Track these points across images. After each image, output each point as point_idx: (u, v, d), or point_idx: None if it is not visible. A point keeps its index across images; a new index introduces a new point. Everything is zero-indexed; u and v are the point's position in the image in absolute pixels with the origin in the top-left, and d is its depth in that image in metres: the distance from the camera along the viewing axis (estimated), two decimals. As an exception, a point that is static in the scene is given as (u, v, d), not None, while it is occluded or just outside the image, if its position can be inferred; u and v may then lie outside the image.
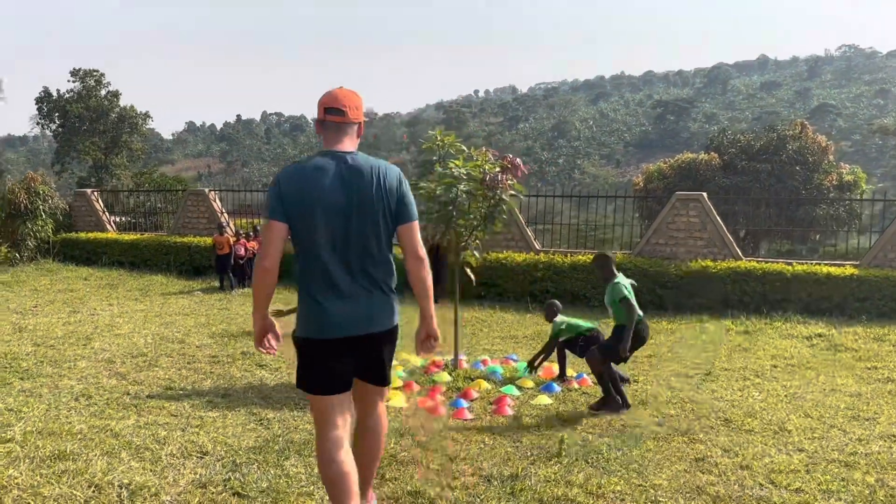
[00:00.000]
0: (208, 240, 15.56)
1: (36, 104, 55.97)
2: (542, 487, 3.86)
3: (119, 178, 52.43)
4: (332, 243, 2.92)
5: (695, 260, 12.44)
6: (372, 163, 2.99)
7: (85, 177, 56.75)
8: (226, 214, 16.88)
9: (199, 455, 4.23)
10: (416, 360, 7.65)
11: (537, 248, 14.06)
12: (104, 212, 18.18)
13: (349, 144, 3.03)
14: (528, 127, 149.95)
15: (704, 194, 13.11)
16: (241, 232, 15.34)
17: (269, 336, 3.02)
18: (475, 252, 7.10)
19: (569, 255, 13.40)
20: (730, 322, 11.01)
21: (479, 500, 3.67)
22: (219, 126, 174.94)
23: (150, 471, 3.89)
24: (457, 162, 6.67)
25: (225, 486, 3.72)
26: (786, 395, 6.59)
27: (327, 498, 3.10)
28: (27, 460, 3.91)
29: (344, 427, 3.00)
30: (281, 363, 7.44)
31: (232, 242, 14.43)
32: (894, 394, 6.79)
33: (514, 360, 7.95)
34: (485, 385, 6.63)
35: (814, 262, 12.38)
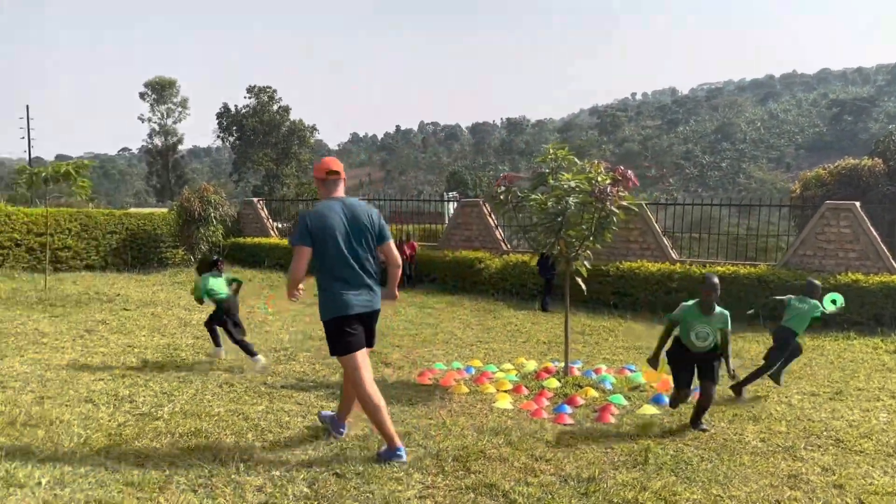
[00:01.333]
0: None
1: (217, 119, 61.46)
2: (615, 490, 4.04)
3: (289, 186, 56.40)
4: (342, 256, 4.47)
5: (844, 273, 11.72)
6: (360, 204, 4.64)
7: (259, 185, 61.65)
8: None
9: (312, 439, 4.79)
10: (530, 366, 7.92)
11: (674, 257, 13.79)
12: (268, 218, 19.86)
13: (342, 192, 4.68)
14: (689, 130, 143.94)
15: (857, 204, 12.31)
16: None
17: (301, 286, 4.67)
18: (585, 262, 7.24)
19: (707, 265, 13.05)
20: (879, 339, 10.33)
21: (551, 497, 3.91)
22: (380, 136, 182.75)
23: (268, 450, 4.48)
24: (567, 175, 6.88)
25: (328, 467, 4.22)
26: (917, 420, 6.22)
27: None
28: (168, 435, 4.63)
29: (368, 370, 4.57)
30: (405, 363, 7.99)
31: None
32: None
33: (631, 371, 7.99)
34: (592, 393, 6.78)
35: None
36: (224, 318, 7.32)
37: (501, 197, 7.14)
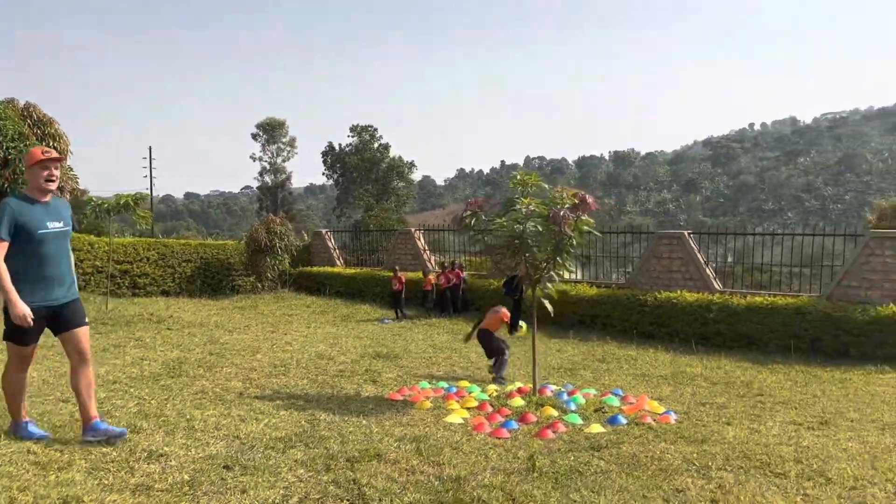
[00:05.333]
0: (411, 274, 17.21)
1: (322, 157, 64.49)
2: (472, 489, 4.25)
3: (386, 220, 58.13)
4: None
5: (887, 305, 11.10)
6: None
7: (359, 220, 63.99)
8: (428, 252, 18.44)
9: (231, 437, 5.25)
10: (511, 387, 8.09)
11: (717, 287, 13.46)
12: (335, 249, 20.83)
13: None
14: (810, 161, 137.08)
15: (905, 231, 11.66)
16: (431, 268, 16.76)
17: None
18: (549, 283, 7.38)
19: (747, 296, 12.67)
20: (917, 375, 9.72)
21: (403, 491, 4.17)
22: (486, 171, 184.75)
23: (184, 445, 4.97)
24: (525, 200, 7.12)
25: (223, 462, 4.64)
26: (881, 448, 5.96)
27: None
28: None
29: None
30: (394, 382, 8.34)
31: (432, 279, 15.92)
32: None
33: (616, 395, 7.96)
34: (550, 412, 6.89)
35: None
36: None
37: (467, 221, 7.43)
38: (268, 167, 65.57)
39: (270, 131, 64.15)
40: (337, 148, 64.90)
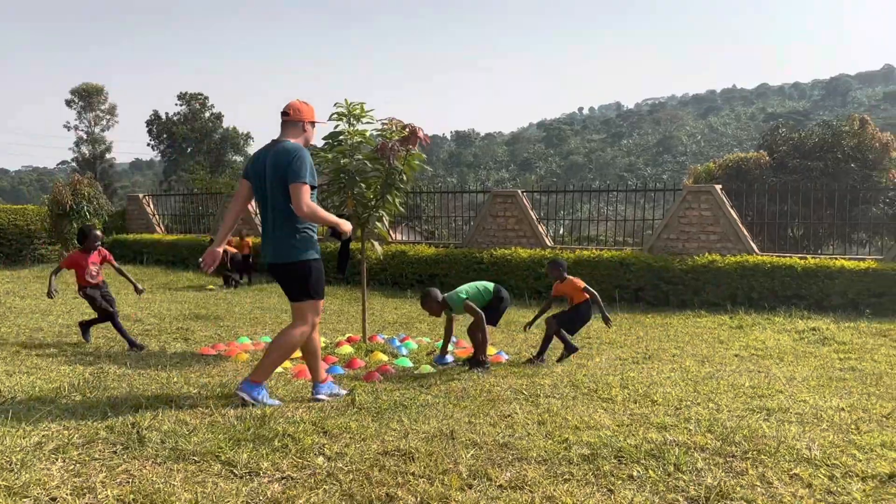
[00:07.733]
0: (237, 239, 16.14)
1: (147, 126, 60.00)
2: (273, 422, 3.73)
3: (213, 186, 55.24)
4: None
5: (703, 255, 11.71)
6: (278, 146, 4.38)
7: (188, 190, 60.38)
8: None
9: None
10: (341, 338, 7.61)
11: (548, 244, 13.67)
12: (154, 214, 19.21)
13: (288, 136, 4.49)
14: (632, 143, 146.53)
15: (718, 187, 12.35)
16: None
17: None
18: (378, 223, 6.92)
19: (576, 250, 12.94)
20: (727, 317, 10.28)
21: (189, 432, 3.56)
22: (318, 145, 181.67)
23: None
24: (350, 131, 6.60)
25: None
26: (701, 376, 6.07)
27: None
28: None
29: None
30: (206, 339, 7.58)
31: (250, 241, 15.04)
32: (834, 379, 6.13)
33: (451, 342, 7.69)
34: (380, 357, 6.50)
35: (831, 256, 11.40)
36: None
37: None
38: (85, 137, 60.11)
39: (87, 97, 58.64)
40: (164, 117, 60.77)
